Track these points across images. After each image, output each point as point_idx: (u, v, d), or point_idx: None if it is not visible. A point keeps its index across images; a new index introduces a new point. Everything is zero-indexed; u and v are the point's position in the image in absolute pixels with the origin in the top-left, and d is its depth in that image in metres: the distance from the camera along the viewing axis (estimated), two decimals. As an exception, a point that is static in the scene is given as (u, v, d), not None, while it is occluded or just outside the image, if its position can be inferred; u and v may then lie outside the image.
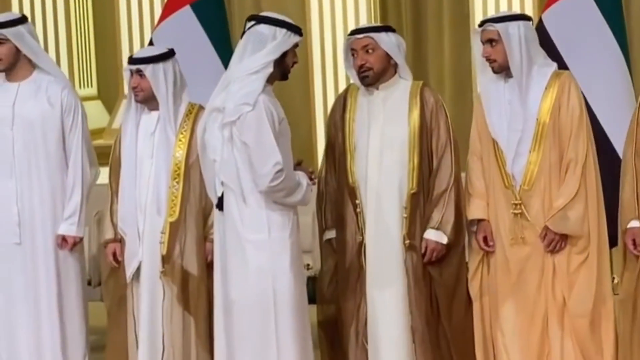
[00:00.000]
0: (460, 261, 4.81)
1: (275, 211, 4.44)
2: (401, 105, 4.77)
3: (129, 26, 8.24)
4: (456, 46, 8.11)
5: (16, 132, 4.97)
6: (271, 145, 4.37)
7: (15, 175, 4.97)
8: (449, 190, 4.74)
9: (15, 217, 4.96)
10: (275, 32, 4.45)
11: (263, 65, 4.42)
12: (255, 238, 4.43)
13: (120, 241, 4.90)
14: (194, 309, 4.79)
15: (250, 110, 4.38)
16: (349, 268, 4.81)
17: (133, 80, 4.83)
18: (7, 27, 4.92)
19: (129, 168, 4.86)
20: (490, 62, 4.69)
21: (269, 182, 4.37)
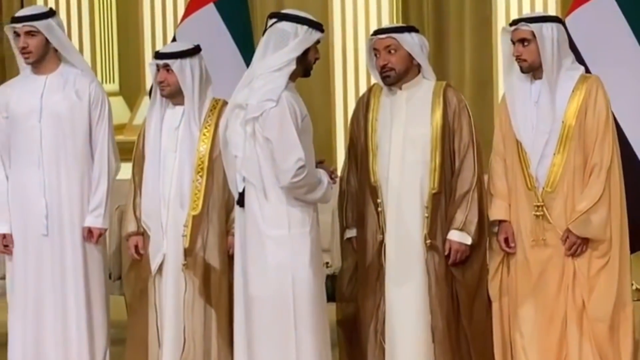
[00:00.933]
0: (482, 262, 4.81)
1: (295, 207, 4.46)
2: (424, 105, 4.78)
3: (152, 23, 8.27)
4: (477, 47, 8.12)
5: (44, 125, 4.99)
6: (294, 141, 4.39)
7: (43, 167, 4.99)
8: (471, 191, 4.75)
9: (43, 209, 4.99)
10: (297, 29, 4.47)
11: (286, 63, 4.44)
12: (276, 234, 4.45)
13: (142, 234, 4.93)
14: (216, 302, 4.82)
15: (273, 107, 4.40)
16: (369, 267, 4.82)
17: (160, 75, 4.86)
18: (39, 20, 4.95)
19: (153, 162, 4.89)
20: (520, 62, 4.69)
21: (291, 178, 4.39)
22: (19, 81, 5.11)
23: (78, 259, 5.03)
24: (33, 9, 5.13)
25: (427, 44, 4.84)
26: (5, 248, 5.04)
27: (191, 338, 4.80)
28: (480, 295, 4.78)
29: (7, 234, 5.03)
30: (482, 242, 4.78)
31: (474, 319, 4.76)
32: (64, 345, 5.03)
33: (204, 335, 4.80)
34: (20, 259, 5.05)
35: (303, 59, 4.49)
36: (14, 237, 5.05)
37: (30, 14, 4.99)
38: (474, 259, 4.77)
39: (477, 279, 4.78)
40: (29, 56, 4.98)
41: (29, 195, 5.00)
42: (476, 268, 4.78)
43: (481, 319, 4.77)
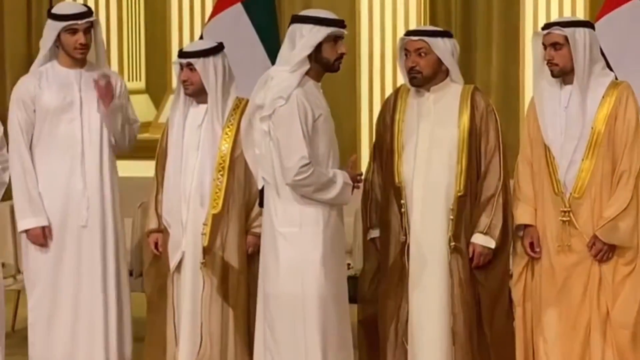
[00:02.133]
0: (506, 266, 4.79)
1: (308, 205, 4.44)
2: (452, 107, 4.77)
3: (179, 22, 8.30)
4: (505, 53, 8.09)
5: (84, 117, 5.03)
6: (298, 139, 4.39)
7: (84, 159, 5.02)
8: (497, 195, 4.73)
9: (85, 200, 5.00)
10: (302, 29, 4.47)
11: (297, 63, 4.44)
12: (287, 231, 4.44)
13: (162, 231, 4.93)
14: (233, 301, 4.82)
15: (282, 105, 4.41)
16: (391, 267, 4.80)
17: (183, 74, 4.87)
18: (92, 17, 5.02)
19: (175, 160, 4.89)
20: (551, 66, 4.66)
21: (294, 176, 4.39)
22: (48, 75, 5.11)
23: (121, 251, 5.09)
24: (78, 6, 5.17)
25: (458, 49, 4.82)
26: (44, 241, 5.03)
27: (208, 336, 4.80)
28: (502, 299, 4.76)
29: (47, 226, 5.03)
30: (505, 247, 4.76)
31: (495, 324, 4.73)
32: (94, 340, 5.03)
33: (221, 333, 4.81)
34: (54, 252, 5.05)
35: (318, 56, 4.48)
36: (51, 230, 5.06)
37: (86, 11, 5.04)
38: (497, 263, 4.74)
39: (499, 283, 4.76)
40: (85, 52, 5.02)
41: (70, 186, 5.02)
42: (499, 272, 4.76)
43: (502, 324, 4.75)
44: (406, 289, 4.76)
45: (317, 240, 4.45)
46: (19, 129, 5.05)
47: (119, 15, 8.51)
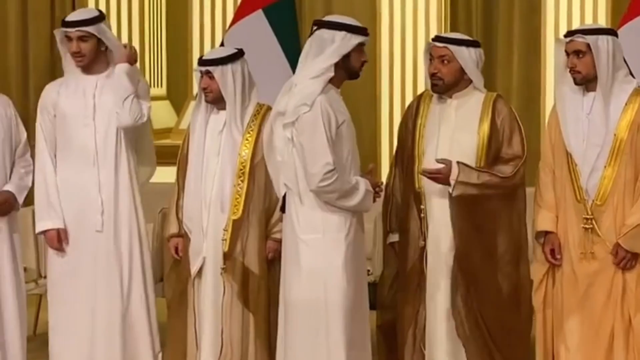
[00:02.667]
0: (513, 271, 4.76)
1: (331, 212, 4.46)
2: (473, 114, 4.76)
3: (200, 28, 8.32)
4: (526, 59, 8.07)
5: (98, 123, 5.04)
6: (323, 145, 4.40)
7: (98, 164, 5.04)
8: (498, 175, 4.66)
9: (99, 206, 5.03)
10: (333, 36, 4.48)
11: (323, 70, 4.45)
12: (309, 237, 4.46)
13: (183, 236, 4.95)
14: (254, 306, 4.82)
15: (307, 111, 4.42)
16: (409, 272, 4.81)
17: (203, 81, 4.89)
18: (92, 24, 5.00)
19: (196, 165, 4.91)
20: (573, 74, 4.65)
21: (319, 182, 4.40)
22: (68, 81, 5.16)
23: (135, 255, 5.07)
24: (83, 12, 5.15)
25: (483, 59, 4.81)
26: (59, 244, 5.07)
27: (229, 342, 4.81)
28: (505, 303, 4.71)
29: (62, 228, 5.06)
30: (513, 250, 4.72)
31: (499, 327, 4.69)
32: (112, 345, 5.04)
33: (241, 339, 4.81)
34: (71, 256, 5.07)
35: (345, 63, 4.50)
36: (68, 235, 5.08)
37: (82, 19, 5.02)
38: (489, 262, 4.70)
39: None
40: (82, 59, 5.03)
41: (84, 192, 5.04)
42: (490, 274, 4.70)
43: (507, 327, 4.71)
44: (424, 294, 4.76)
45: (340, 246, 4.46)
46: (41, 135, 5.11)
47: (141, 22, 8.55)
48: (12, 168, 5.16)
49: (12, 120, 5.19)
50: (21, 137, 5.22)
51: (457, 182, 4.60)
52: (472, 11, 8.17)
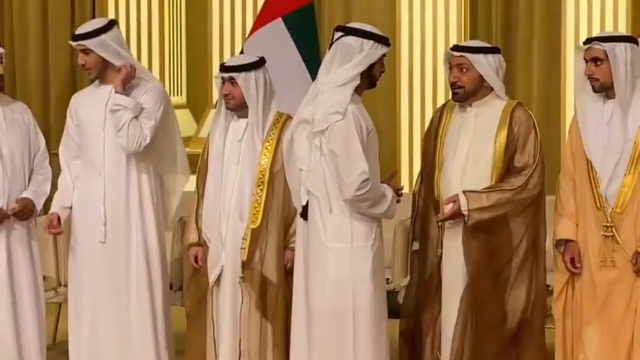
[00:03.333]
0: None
1: (359, 221, 4.46)
2: (491, 123, 4.75)
3: (220, 37, 8.34)
4: (546, 67, 8.04)
5: (107, 133, 5.05)
6: (358, 154, 4.39)
7: (105, 175, 5.05)
8: (506, 189, 4.63)
9: (102, 216, 5.04)
10: (362, 43, 4.47)
11: (350, 78, 4.45)
12: (337, 246, 4.45)
13: (202, 245, 4.95)
14: (272, 315, 4.82)
15: (339, 120, 4.41)
16: (428, 280, 4.81)
17: (225, 88, 4.88)
18: (91, 38, 4.98)
19: (216, 174, 4.91)
20: (592, 81, 4.63)
21: (355, 191, 4.38)
22: (90, 90, 5.20)
23: (140, 268, 5.06)
24: (87, 25, 5.13)
25: (504, 66, 4.79)
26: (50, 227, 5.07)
27: (246, 351, 4.81)
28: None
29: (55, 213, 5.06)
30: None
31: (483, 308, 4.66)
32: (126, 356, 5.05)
33: (259, 348, 4.81)
34: (80, 267, 5.11)
35: (368, 73, 4.50)
36: (76, 244, 5.10)
37: (81, 33, 5.02)
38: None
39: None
40: (89, 71, 5.07)
41: (90, 201, 5.06)
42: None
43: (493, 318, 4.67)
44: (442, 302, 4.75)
45: (367, 255, 4.46)
46: (63, 141, 5.17)
47: (161, 31, 8.57)
48: (31, 175, 5.19)
49: (30, 127, 5.23)
50: (40, 144, 5.25)
51: (469, 211, 4.58)
52: (492, 20, 8.15)
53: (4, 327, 5.08)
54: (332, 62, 4.49)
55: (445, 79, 4.89)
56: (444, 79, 4.90)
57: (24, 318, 5.13)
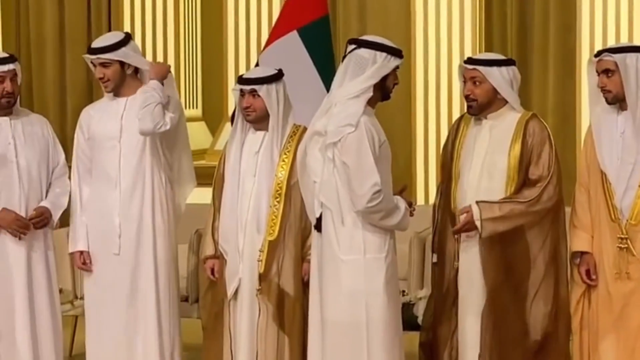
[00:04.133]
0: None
1: (372, 232, 4.45)
2: (506, 135, 4.73)
3: (235, 50, 8.35)
4: (561, 79, 8.03)
5: (123, 145, 5.07)
6: (370, 166, 4.39)
7: (120, 186, 5.06)
8: (519, 201, 4.61)
9: (116, 228, 5.06)
10: (375, 56, 4.47)
11: (363, 90, 4.45)
12: (350, 258, 4.45)
13: (218, 258, 4.95)
14: (289, 328, 4.81)
15: (352, 132, 4.41)
16: (445, 293, 4.80)
17: (246, 101, 4.88)
18: (112, 51, 5.01)
19: (232, 186, 4.92)
20: (604, 93, 4.63)
21: (367, 203, 4.39)
22: (102, 103, 5.21)
23: (150, 280, 5.07)
24: (106, 38, 5.16)
25: (518, 78, 4.78)
26: (83, 265, 5.13)
27: (264, 363, 4.81)
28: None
29: (85, 251, 5.10)
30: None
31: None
32: None
33: (276, 360, 4.81)
34: (96, 278, 5.12)
35: (381, 85, 4.50)
36: (92, 256, 5.12)
37: (101, 46, 5.05)
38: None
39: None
40: (107, 85, 5.08)
41: (105, 213, 5.07)
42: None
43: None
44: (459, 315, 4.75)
45: (381, 266, 4.45)
46: (75, 157, 5.18)
47: (176, 44, 8.60)
48: (49, 189, 5.21)
49: (49, 140, 5.25)
50: (59, 158, 5.26)
51: (482, 220, 4.58)
52: (507, 31, 8.14)
53: (21, 338, 5.08)
54: (345, 74, 4.50)
55: (460, 91, 4.89)
56: (459, 91, 4.90)
57: (40, 328, 5.14)
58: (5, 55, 5.17)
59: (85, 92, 8.69)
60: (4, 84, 5.06)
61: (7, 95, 5.07)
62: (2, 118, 5.14)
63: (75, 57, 8.61)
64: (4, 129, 5.12)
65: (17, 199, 5.10)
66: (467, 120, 4.87)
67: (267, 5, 8.27)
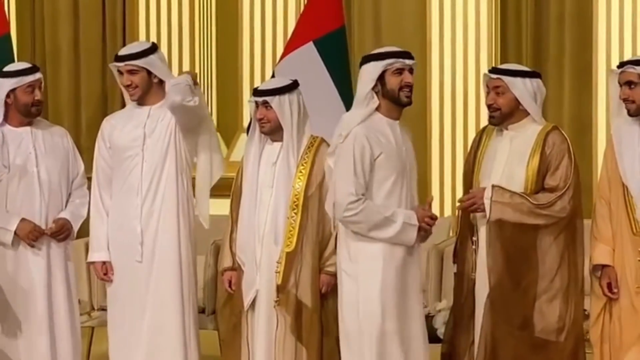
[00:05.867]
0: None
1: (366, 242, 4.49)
2: (526, 147, 4.72)
3: (250, 61, 8.35)
4: (577, 92, 8.00)
5: (146, 153, 5.07)
6: (348, 175, 4.45)
7: (142, 194, 5.06)
8: (532, 202, 4.59)
9: (139, 236, 5.05)
10: (363, 68, 4.60)
11: (362, 99, 4.54)
12: (347, 267, 4.53)
13: (236, 269, 4.94)
14: (306, 339, 4.80)
15: (341, 142, 4.52)
16: (463, 303, 4.78)
17: (259, 112, 4.89)
18: (141, 58, 5.04)
19: (250, 198, 4.90)
20: (627, 104, 4.62)
21: (343, 212, 4.46)
22: (124, 113, 5.22)
23: (175, 287, 5.06)
24: (134, 46, 5.20)
25: (543, 91, 4.78)
26: (104, 276, 5.11)
27: (281, 375, 4.79)
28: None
29: (107, 261, 5.09)
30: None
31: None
32: None
33: (294, 372, 4.79)
34: (118, 287, 5.11)
35: (383, 89, 4.52)
36: (113, 265, 5.11)
37: (131, 53, 5.08)
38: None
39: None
40: (134, 92, 5.08)
41: (127, 221, 5.07)
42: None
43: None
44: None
45: (375, 276, 4.45)
46: (96, 167, 5.18)
47: (191, 56, 8.60)
48: (68, 199, 5.21)
49: (69, 151, 5.26)
50: (79, 169, 5.28)
51: (491, 201, 4.56)
52: (522, 43, 8.12)
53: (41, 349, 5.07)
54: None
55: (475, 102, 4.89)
56: (474, 103, 4.90)
57: (61, 341, 5.13)
58: (30, 65, 5.21)
59: (100, 104, 8.69)
60: (34, 92, 5.09)
61: (38, 103, 5.12)
62: (23, 128, 5.17)
63: (90, 69, 8.63)
64: (24, 139, 5.15)
65: (38, 209, 5.12)
66: (490, 131, 4.86)
67: (282, 16, 8.27)
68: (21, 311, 5.08)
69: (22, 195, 5.10)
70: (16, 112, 5.14)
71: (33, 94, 5.10)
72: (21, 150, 5.13)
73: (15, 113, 5.14)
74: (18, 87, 5.08)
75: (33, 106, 5.11)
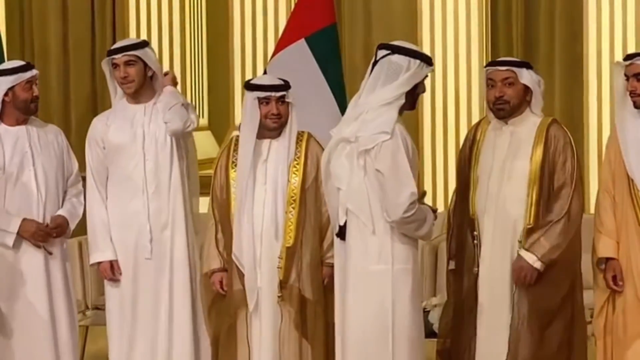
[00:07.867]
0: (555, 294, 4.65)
1: (401, 243, 4.42)
2: (527, 140, 4.70)
3: (242, 59, 8.35)
4: (567, 88, 8.03)
5: (147, 151, 5.06)
6: (407, 175, 4.35)
7: (147, 192, 5.05)
8: (557, 222, 4.60)
9: (147, 233, 5.03)
10: (409, 62, 4.42)
11: (396, 97, 4.41)
12: (378, 269, 4.41)
13: (226, 270, 4.88)
14: (311, 334, 4.77)
15: (387, 139, 4.36)
16: (464, 299, 4.76)
17: (275, 107, 4.79)
18: (137, 49, 5.04)
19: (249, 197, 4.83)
20: (634, 97, 4.60)
21: (403, 213, 4.34)
22: (116, 112, 5.18)
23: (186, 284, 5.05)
24: (129, 40, 5.24)
25: (542, 81, 4.78)
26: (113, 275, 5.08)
27: (286, 370, 4.76)
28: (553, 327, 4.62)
29: (115, 260, 5.07)
30: (555, 275, 4.63)
31: (542, 350, 4.60)
32: None
33: (298, 368, 4.76)
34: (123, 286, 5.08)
35: (412, 93, 4.46)
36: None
37: (128, 44, 5.09)
38: (543, 288, 4.61)
39: (548, 307, 4.62)
40: (130, 85, 5.05)
41: (136, 220, 5.05)
42: (547, 298, 4.60)
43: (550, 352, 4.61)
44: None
45: (407, 277, 4.42)
46: (90, 168, 5.15)
47: (182, 54, 8.59)
48: (64, 197, 5.18)
49: (63, 149, 5.25)
50: (73, 167, 5.25)
51: (540, 261, 4.55)
52: (513, 40, 8.14)
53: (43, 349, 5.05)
54: (377, 80, 4.42)
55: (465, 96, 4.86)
56: (465, 97, 4.88)
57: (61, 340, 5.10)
58: (24, 63, 5.19)
59: (90, 102, 8.66)
60: (32, 89, 5.08)
61: (36, 99, 5.11)
62: (18, 127, 5.15)
63: (79, 68, 8.61)
64: (20, 138, 5.13)
65: (35, 207, 5.09)
66: (484, 126, 4.84)
67: (273, 13, 8.26)
68: (22, 311, 5.05)
69: (20, 194, 5.08)
70: (13, 110, 5.11)
71: (31, 90, 5.09)
72: (17, 149, 5.11)
73: (12, 111, 5.12)
74: (17, 84, 5.06)
75: (32, 102, 5.10)
